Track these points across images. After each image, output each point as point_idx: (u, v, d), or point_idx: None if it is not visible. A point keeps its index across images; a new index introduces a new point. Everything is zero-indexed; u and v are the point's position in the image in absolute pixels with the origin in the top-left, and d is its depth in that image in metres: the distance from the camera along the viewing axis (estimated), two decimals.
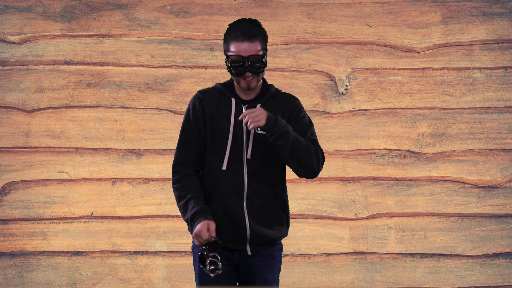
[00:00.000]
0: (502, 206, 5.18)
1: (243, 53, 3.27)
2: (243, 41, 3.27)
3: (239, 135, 3.35)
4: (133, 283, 5.11)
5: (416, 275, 5.17)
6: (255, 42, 3.29)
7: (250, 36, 3.28)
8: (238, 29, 3.29)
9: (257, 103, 3.38)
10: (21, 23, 5.13)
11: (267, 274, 3.43)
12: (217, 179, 3.36)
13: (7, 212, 5.10)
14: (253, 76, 3.31)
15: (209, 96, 3.40)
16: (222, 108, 3.37)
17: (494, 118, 5.19)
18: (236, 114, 3.36)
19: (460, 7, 5.20)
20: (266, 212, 3.39)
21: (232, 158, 3.35)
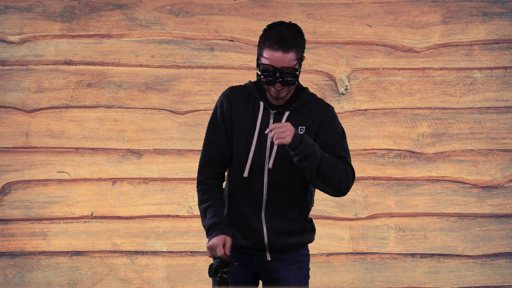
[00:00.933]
0: (502, 206, 5.17)
1: (276, 64, 3.10)
2: (277, 50, 3.10)
3: (263, 142, 3.20)
4: (133, 283, 5.11)
5: (416, 275, 5.16)
6: (290, 53, 3.12)
7: (285, 46, 3.10)
8: (274, 36, 3.11)
9: (285, 110, 3.21)
10: (21, 23, 5.13)
11: (290, 279, 3.27)
12: (238, 184, 3.25)
13: (7, 212, 5.10)
14: (284, 87, 3.14)
15: (238, 95, 3.23)
16: (249, 110, 3.22)
17: (494, 118, 5.19)
18: (262, 119, 3.20)
19: (460, 7, 5.20)
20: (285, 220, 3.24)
21: (254, 165, 3.21)
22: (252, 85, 3.26)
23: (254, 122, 3.19)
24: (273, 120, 3.19)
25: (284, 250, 3.27)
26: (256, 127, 3.18)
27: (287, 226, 3.24)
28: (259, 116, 3.19)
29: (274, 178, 3.21)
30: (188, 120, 5.14)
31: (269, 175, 3.20)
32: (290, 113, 3.20)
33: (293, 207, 3.25)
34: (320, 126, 3.23)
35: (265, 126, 3.18)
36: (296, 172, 3.20)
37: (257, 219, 3.22)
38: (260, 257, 3.28)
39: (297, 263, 3.29)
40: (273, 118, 3.20)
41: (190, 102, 5.14)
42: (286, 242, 3.25)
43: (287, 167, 3.19)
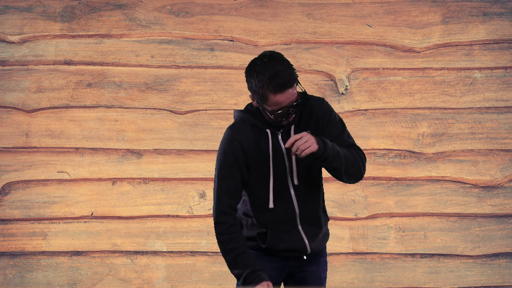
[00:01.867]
0: (502, 206, 5.18)
1: (287, 103, 3.12)
2: (285, 91, 3.09)
3: (280, 165, 3.25)
4: (133, 283, 5.11)
5: (416, 275, 5.17)
6: (293, 86, 3.12)
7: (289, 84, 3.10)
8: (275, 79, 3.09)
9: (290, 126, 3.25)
10: (21, 23, 5.13)
11: (320, 272, 3.45)
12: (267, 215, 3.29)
13: (7, 212, 5.10)
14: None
15: (244, 135, 3.24)
16: (260, 143, 3.24)
17: (494, 118, 5.19)
18: (273, 143, 3.24)
19: (460, 7, 5.20)
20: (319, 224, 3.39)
21: (278, 189, 3.26)
22: (248, 116, 3.27)
23: (267, 151, 3.23)
24: (282, 138, 3.24)
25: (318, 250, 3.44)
26: (270, 156, 3.23)
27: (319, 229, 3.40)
28: (269, 142, 3.23)
29: (300, 191, 3.29)
30: (188, 120, 5.14)
31: (294, 190, 3.27)
32: (294, 126, 3.26)
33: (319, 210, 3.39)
34: (323, 119, 3.28)
35: (277, 149, 3.23)
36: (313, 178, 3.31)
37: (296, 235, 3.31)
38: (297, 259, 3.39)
39: (323, 255, 3.48)
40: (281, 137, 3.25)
41: (190, 102, 5.15)
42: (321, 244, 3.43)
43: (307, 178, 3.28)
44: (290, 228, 3.30)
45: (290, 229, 3.30)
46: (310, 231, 3.35)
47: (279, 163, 3.24)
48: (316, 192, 3.35)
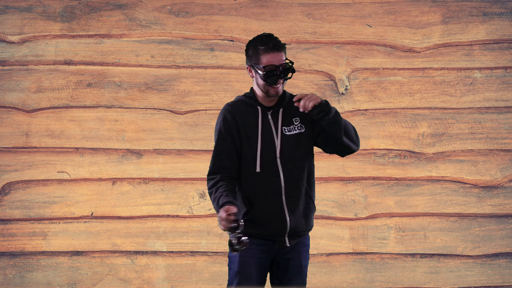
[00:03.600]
0: (502, 206, 5.18)
1: (276, 63, 3.61)
2: (275, 52, 3.62)
3: (268, 138, 3.65)
4: (133, 283, 5.11)
5: (416, 275, 5.17)
6: (282, 52, 3.64)
7: (279, 47, 3.63)
8: (267, 42, 3.63)
9: (279, 108, 3.68)
10: (21, 23, 5.13)
11: (301, 260, 3.72)
12: (255, 181, 3.64)
13: (7, 212, 5.10)
14: (282, 83, 3.63)
15: (237, 108, 3.70)
16: (250, 116, 3.67)
17: (494, 118, 5.19)
18: (262, 120, 3.67)
19: (460, 7, 5.20)
20: (302, 205, 3.67)
21: (265, 160, 3.64)
22: (244, 97, 3.74)
23: (256, 124, 3.67)
24: (272, 118, 3.67)
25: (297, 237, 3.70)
26: (259, 128, 3.66)
27: (303, 209, 3.69)
28: (259, 118, 3.67)
29: (287, 167, 3.64)
30: (188, 120, 5.14)
31: (282, 165, 3.64)
32: (283, 109, 3.68)
33: (307, 192, 3.70)
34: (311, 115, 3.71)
35: (266, 125, 3.66)
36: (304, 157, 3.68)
37: (280, 207, 3.63)
38: (280, 242, 3.67)
39: (304, 245, 3.75)
40: (271, 117, 3.68)
41: (190, 102, 5.15)
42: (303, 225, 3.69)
43: (295, 153, 3.66)
44: (274, 199, 3.62)
45: (274, 200, 3.62)
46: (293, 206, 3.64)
47: (268, 137, 3.65)
48: (301, 171, 3.67)
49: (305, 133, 3.68)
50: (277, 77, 3.60)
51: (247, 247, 3.45)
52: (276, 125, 3.67)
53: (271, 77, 3.59)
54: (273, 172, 3.63)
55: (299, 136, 3.68)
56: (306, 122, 3.71)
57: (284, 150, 3.65)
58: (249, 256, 3.65)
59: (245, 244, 3.43)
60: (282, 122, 3.67)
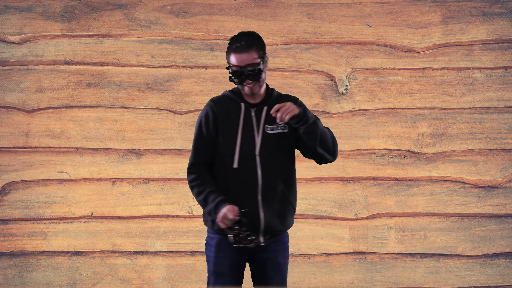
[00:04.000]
0: (502, 206, 5.18)
1: (241, 63, 3.58)
2: (240, 53, 3.59)
3: (248, 135, 3.64)
4: (133, 283, 5.11)
5: (416, 275, 5.16)
6: (251, 52, 3.59)
7: (245, 47, 3.59)
8: (235, 42, 3.62)
9: (264, 105, 3.67)
10: (21, 23, 5.13)
11: (279, 258, 3.69)
12: (231, 177, 3.63)
13: (7, 212, 5.10)
14: (254, 83, 3.61)
15: (220, 103, 3.70)
16: (232, 112, 3.67)
17: (494, 118, 5.19)
18: (244, 116, 3.66)
19: (460, 7, 5.20)
20: (279, 204, 3.65)
21: (244, 157, 3.63)
22: (230, 93, 3.74)
23: (238, 120, 3.66)
24: (255, 115, 3.66)
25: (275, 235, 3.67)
26: (240, 124, 3.65)
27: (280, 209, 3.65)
28: (241, 114, 3.66)
29: (265, 165, 3.63)
30: (188, 120, 5.14)
31: (260, 163, 3.62)
32: (268, 107, 3.66)
33: (284, 191, 3.67)
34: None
35: (248, 122, 3.65)
36: (284, 156, 3.67)
37: (254, 206, 3.60)
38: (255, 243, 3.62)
39: (283, 243, 3.72)
40: (254, 114, 3.66)
41: (190, 102, 5.15)
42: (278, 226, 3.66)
43: (275, 152, 3.65)
44: (250, 196, 3.62)
45: (249, 198, 3.61)
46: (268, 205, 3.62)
47: (248, 133, 3.64)
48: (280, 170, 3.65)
49: (288, 134, 3.67)
50: (241, 78, 3.60)
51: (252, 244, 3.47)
52: (258, 122, 3.65)
53: (237, 77, 3.60)
54: (251, 169, 3.62)
55: (281, 136, 3.65)
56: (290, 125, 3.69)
57: (264, 148, 3.63)
58: (223, 256, 3.67)
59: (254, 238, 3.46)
60: (265, 120, 3.65)
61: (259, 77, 3.60)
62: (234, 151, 3.62)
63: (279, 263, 3.69)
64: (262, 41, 3.67)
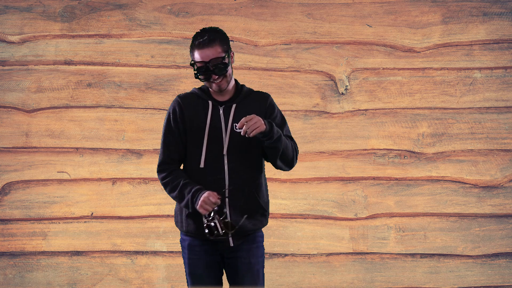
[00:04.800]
0: (502, 206, 5.18)
1: (205, 59, 3.51)
2: (203, 48, 3.51)
3: (215, 134, 3.57)
4: (133, 283, 5.11)
5: (416, 275, 5.17)
6: (215, 46, 3.52)
7: (208, 42, 3.51)
8: (197, 37, 3.54)
9: (232, 103, 3.60)
10: (21, 23, 5.13)
11: (250, 258, 3.63)
12: (198, 177, 3.56)
13: (7, 212, 5.10)
14: (221, 78, 3.54)
15: (187, 100, 3.62)
16: (200, 110, 3.60)
17: (494, 118, 5.19)
18: (212, 114, 3.58)
19: (460, 7, 5.20)
20: (247, 204, 3.58)
21: (211, 156, 3.56)
22: (198, 90, 3.66)
23: (205, 118, 3.58)
24: (223, 113, 3.58)
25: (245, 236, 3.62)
26: (207, 122, 3.57)
27: (249, 209, 3.58)
28: (209, 112, 3.59)
29: (233, 165, 3.56)
30: None
31: (228, 162, 3.56)
32: (237, 105, 3.61)
33: (253, 191, 3.60)
34: (266, 112, 3.65)
35: (216, 120, 3.58)
36: (253, 155, 3.61)
37: (221, 205, 3.52)
38: (223, 243, 3.59)
39: (255, 242, 3.66)
40: (223, 112, 3.59)
41: None
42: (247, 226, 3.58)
43: (244, 151, 3.58)
44: None
45: None
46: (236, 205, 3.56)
47: (215, 132, 3.57)
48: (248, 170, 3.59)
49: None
50: (207, 74, 3.52)
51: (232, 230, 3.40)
52: (226, 120, 3.57)
53: (202, 73, 3.52)
54: (218, 169, 3.55)
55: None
56: None
57: (231, 147, 3.55)
58: (196, 258, 3.61)
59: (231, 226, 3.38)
60: (233, 118, 3.57)
61: (225, 71, 3.52)
62: (200, 150, 3.55)
63: (250, 262, 3.63)
64: (225, 35, 3.59)
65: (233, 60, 3.61)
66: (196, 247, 3.60)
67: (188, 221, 3.60)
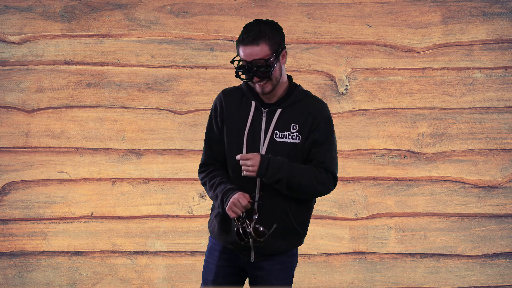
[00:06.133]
0: (502, 206, 5.18)
1: (247, 58, 3.09)
2: (247, 45, 3.08)
3: (253, 139, 3.20)
4: (133, 283, 5.11)
5: (416, 275, 5.17)
6: (260, 45, 3.08)
7: (253, 39, 3.07)
8: (245, 32, 3.11)
9: (278, 107, 3.19)
10: (21, 23, 5.13)
11: (271, 279, 3.29)
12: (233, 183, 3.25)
13: (7, 212, 5.10)
14: (265, 81, 3.12)
15: (230, 97, 3.24)
16: (242, 110, 3.21)
17: (494, 118, 5.19)
18: (253, 117, 3.19)
19: (460, 7, 5.20)
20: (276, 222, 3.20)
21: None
22: (246, 86, 3.25)
23: (245, 120, 3.19)
24: (265, 118, 3.18)
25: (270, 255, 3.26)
26: (247, 126, 3.19)
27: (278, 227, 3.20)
28: (250, 114, 3.18)
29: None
30: (188, 120, 5.14)
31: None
32: (282, 110, 3.18)
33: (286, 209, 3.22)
34: (313, 123, 3.21)
35: (256, 125, 3.19)
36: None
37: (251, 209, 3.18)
38: (245, 256, 3.28)
39: (281, 263, 3.29)
40: (265, 116, 3.19)
41: (190, 102, 5.14)
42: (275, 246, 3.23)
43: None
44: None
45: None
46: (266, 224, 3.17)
47: (253, 138, 3.18)
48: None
49: (300, 145, 3.17)
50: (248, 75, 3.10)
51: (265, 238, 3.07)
52: (267, 126, 3.17)
53: (243, 73, 3.11)
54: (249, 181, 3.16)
55: (291, 146, 3.16)
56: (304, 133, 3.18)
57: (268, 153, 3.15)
58: (212, 263, 3.30)
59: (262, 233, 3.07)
60: (275, 125, 3.16)
61: (268, 75, 3.08)
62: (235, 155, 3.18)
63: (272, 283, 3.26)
64: (278, 31, 3.12)
65: (285, 60, 3.17)
66: (215, 252, 3.30)
67: (214, 222, 3.29)
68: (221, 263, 3.31)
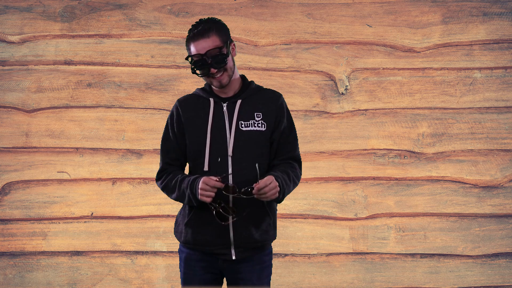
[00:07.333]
0: (502, 206, 5.18)
1: (201, 51, 3.20)
2: (198, 39, 3.20)
3: (219, 133, 3.26)
4: (133, 283, 5.11)
5: (416, 275, 5.17)
6: (211, 37, 3.21)
7: (203, 32, 3.20)
8: (193, 29, 3.24)
9: (237, 99, 3.30)
10: (21, 23, 5.13)
11: (253, 279, 3.32)
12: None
13: (7, 212, 5.10)
14: (221, 72, 3.23)
15: (186, 102, 3.35)
16: (200, 110, 3.30)
17: (494, 118, 5.19)
18: (214, 112, 3.28)
19: (460, 7, 5.20)
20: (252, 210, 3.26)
21: (215, 158, 3.25)
22: (199, 90, 3.38)
23: (207, 118, 3.28)
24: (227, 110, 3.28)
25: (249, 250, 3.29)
26: (209, 122, 3.27)
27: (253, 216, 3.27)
28: (210, 111, 3.27)
29: (239, 166, 3.24)
30: None
31: (233, 164, 3.23)
32: (242, 101, 3.29)
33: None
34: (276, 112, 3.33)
35: (219, 119, 3.26)
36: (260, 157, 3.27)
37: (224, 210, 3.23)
38: (225, 256, 3.29)
39: (260, 263, 3.34)
40: (227, 109, 3.27)
41: None
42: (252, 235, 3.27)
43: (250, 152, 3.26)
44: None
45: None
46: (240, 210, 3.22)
47: (219, 132, 3.25)
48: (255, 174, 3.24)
49: (266, 132, 3.26)
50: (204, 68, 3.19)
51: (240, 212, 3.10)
52: (230, 118, 3.25)
53: (199, 67, 3.19)
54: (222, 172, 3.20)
55: (258, 134, 3.24)
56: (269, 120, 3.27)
57: (237, 148, 3.22)
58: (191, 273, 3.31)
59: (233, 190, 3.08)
60: (238, 116, 3.25)
61: (224, 63, 3.20)
62: (203, 152, 3.24)
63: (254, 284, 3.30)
64: (222, 24, 3.27)
65: (235, 52, 3.31)
66: (192, 262, 3.32)
67: (187, 230, 3.31)
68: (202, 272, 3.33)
